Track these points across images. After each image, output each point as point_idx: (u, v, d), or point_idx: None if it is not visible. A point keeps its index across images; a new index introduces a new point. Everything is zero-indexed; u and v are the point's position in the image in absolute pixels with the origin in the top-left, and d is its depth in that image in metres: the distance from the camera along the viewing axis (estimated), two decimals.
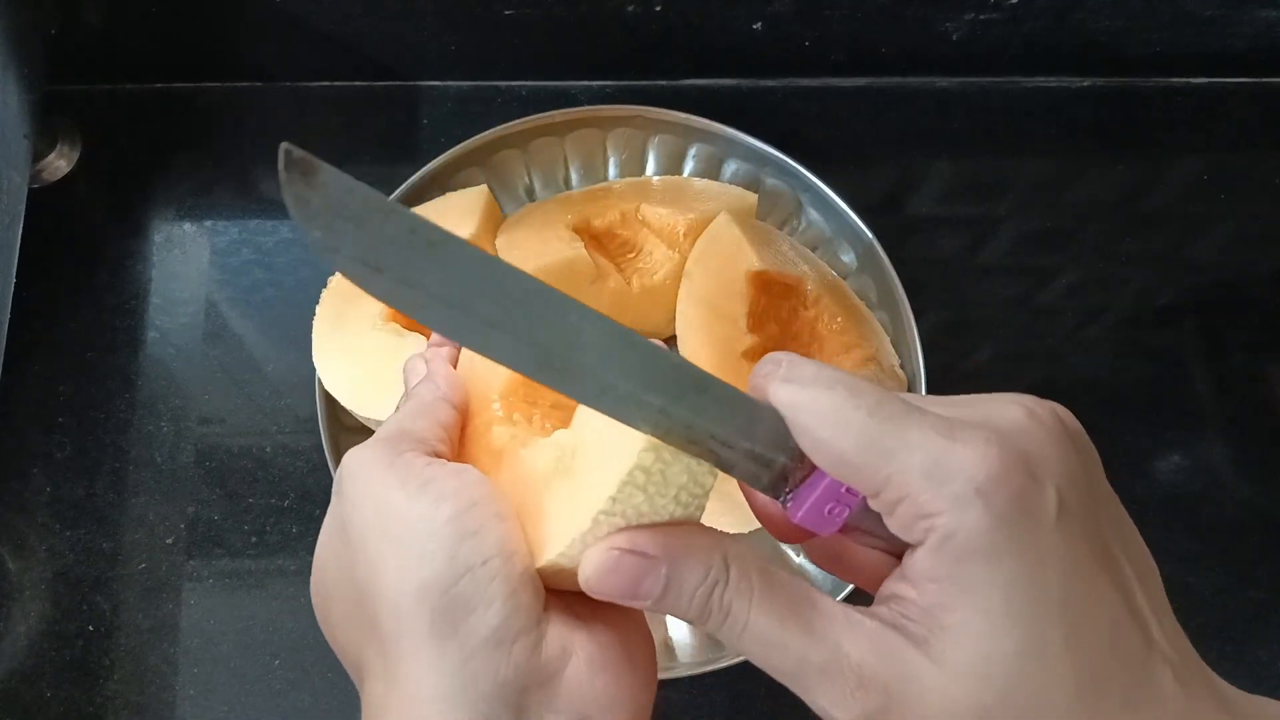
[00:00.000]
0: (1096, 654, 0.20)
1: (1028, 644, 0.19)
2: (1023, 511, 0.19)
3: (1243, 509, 0.52)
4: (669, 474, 0.21)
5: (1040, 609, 0.19)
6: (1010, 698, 0.19)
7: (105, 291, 0.52)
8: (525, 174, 0.53)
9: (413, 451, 0.24)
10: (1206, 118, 0.62)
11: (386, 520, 0.22)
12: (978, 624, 0.19)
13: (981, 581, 0.19)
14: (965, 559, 0.19)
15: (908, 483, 0.20)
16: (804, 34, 0.56)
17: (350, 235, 0.18)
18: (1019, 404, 0.22)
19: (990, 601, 0.19)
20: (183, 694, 0.44)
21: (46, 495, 0.48)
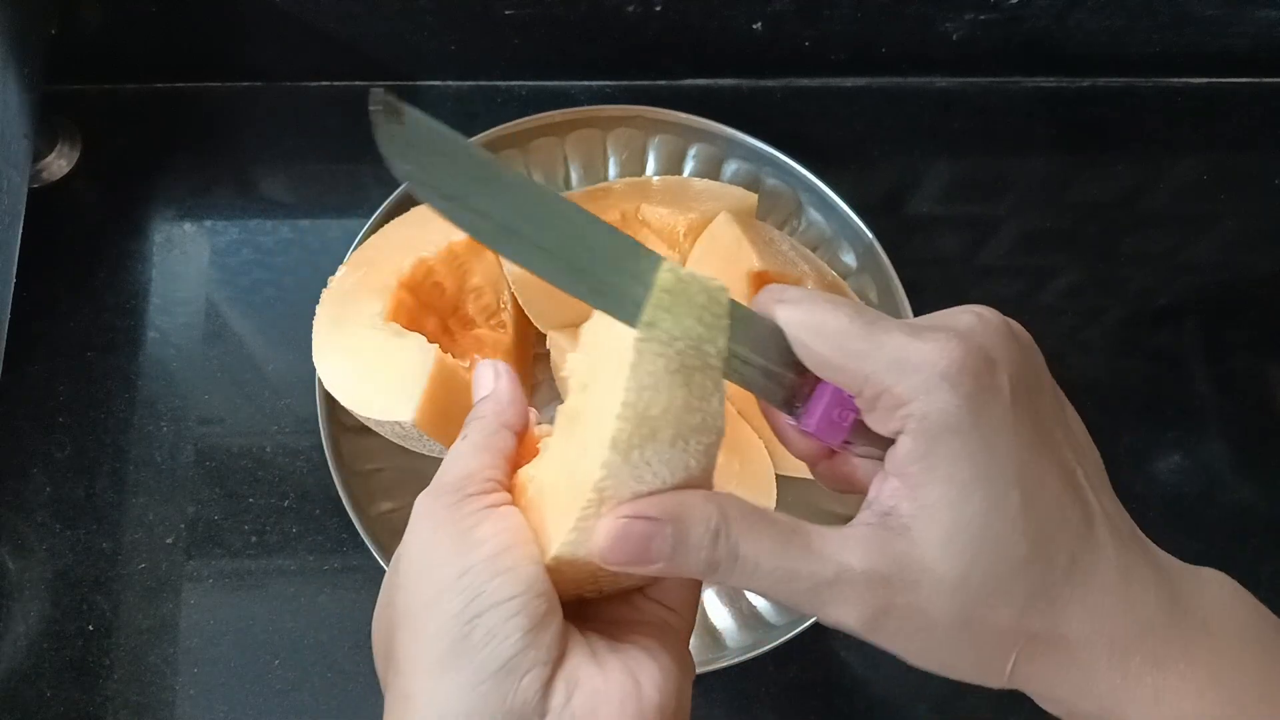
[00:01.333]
0: (1046, 516, 0.23)
1: (990, 505, 0.23)
2: (981, 392, 0.23)
3: (1243, 509, 0.52)
4: (689, 292, 0.23)
5: (1000, 474, 0.23)
6: (981, 559, 0.22)
7: (105, 291, 0.52)
8: (526, 174, 0.53)
9: (476, 496, 0.25)
10: (1207, 118, 0.62)
11: (430, 558, 0.24)
12: (950, 494, 0.23)
13: (951, 454, 0.23)
14: (937, 437, 0.23)
15: (882, 377, 0.23)
16: (804, 34, 0.56)
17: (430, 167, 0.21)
18: (970, 311, 0.25)
19: (959, 470, 0.23)
20: (183, 694, 0.44)
21: (46, 495, 0.48)
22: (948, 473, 0.23)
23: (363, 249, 0.47)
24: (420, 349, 0.42)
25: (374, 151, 0.66)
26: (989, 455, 0.23)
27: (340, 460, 0.45)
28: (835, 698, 0.47)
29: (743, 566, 0.23)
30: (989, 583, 0.23)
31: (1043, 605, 0.23)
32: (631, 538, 0.23)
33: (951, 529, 0.23)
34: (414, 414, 0.41)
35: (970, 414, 0.23)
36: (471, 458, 0.27)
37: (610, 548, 0.23)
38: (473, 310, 0.48)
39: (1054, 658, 0.23)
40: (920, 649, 0.24)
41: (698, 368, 0.23)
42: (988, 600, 0.23)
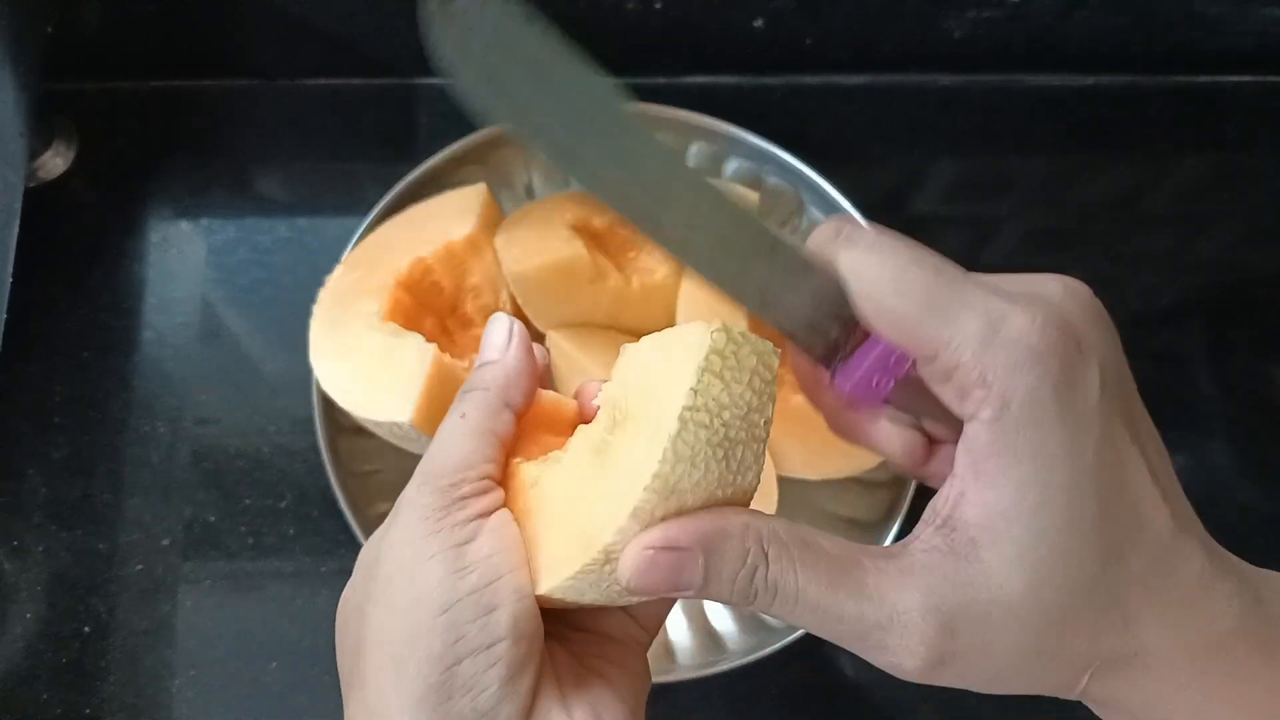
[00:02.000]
0: (1125, 523, 0.21)
1: (1068, 516, 0.20)
2: (1071, 380, 0.20)
3: (1247, 510, 0.51)
4: (741, 355, 0.21)
5: (1082, 478, 0.20)
6: (1054, 577, 0.20)
7: (101, 291, 0.52)
8: (525, 172, 0.53)
9: (468, 499, 0.23)
10: (1211, 116, 0.61)
11: (414, 578, 0.22)
12: (1027, 499, 0.20)
13: (1033, 451, 0.20)
14: (1019, 429, 0.20)
15: (966, 346, 0.20)
16: (806, 31, 0.56)
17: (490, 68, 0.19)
18: (1057, 280, 0.23)
19: (1040, 471, 0.20)
20: (180, 696, 0.44)
21: (42, 496, 0.47)
22: (1027, 474, 0.20)
23: (360, 248, 0.47)
24: (418, 349, 0.42)
25: (374, 150, 0.66)
26: (1073, 457, 0.20)
27: (338, 461, 0.45)
28: (837, 700, 0.46)
29: (783, 602, 0.21)
30: (1062, 604, 0.21)
31: (1117, 621, 0.21)
32: (660, 568, 0.21)
33: (1024, 544, 0.20)
34: (412, 414, 0.41)
35: (1058, 405, 0.20)
36: (467, 443, 0.24)
37: (636, 578, 0.21)
38: (471, 310, 0.47)
39: (1129, 675, 0.22)
40: (986, 683, 0.22)
41: (742, 440, 0.21)
42: (1061, 625, 0.21)
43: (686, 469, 0.21)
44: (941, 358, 0.21)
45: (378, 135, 0.57)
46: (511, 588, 0.22)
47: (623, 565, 0.21)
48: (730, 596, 0.22)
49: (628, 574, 0.21)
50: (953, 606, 0.21)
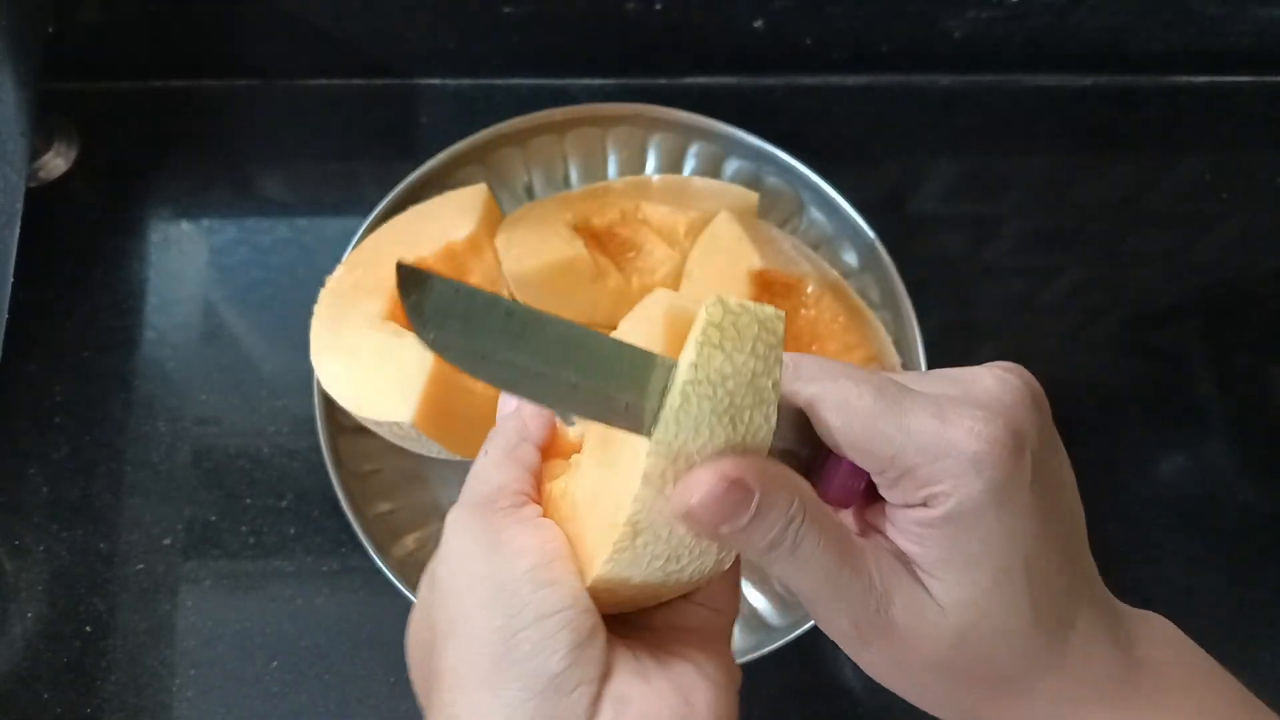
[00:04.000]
0: (1044, 592, 0.24)
1: (998, 583, 0.23)
2: (1007, 480, 0.23)
3: (1246, 510, 0.52)
4: (741, 324, 0.22)
5: (1012, 559, 0.23)
6: (984, 623, 0.23)
7: (101, 290, 0.52)
8: (525, 172, 0.53)
9: (504, 509, 0.25)
10: (1209, 116, 0.61)
11: (470, 572, 0.23)
12: (965, 576, 0.23)
13: (971, 537, 0.23)
14: (960, 520, 0.23)
15: (909, 460, 0.23)
16: (805, 31, 0.56)
17: (457, 331, 0.21)
18: (993, 374, 0.25)
19: (975, 551, 0.23)
20: (180, 696, 0.44)
21: (43, 496, 0.47)
22: (966, 553, 0.23)
23: (361, 248, 0.47)
24: (419, 349, 0.42)
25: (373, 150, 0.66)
26: (1007, 543, 0.23)
27: (338, 461, 0.45)
28: (837, 700, 0.46)
29: (798, 558, 0.23)
30: (981, 648, 0.24)
31: (1019, 666, 0.24)
32: (726, 501, 0.22)
33: (961, 597, 0.23)
34: (413, 414, 0.41)
35: (995, 503, 0.23)
36: (496, 472, 0.26)
37: (702, 504, 0.21)
38: None
39: (1013, 705, 0.25)
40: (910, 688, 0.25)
41: (749, 405, 0.22)
42: (975, 660, 0.24)
43: (690, 434, 0.22)
44: (888, 472, 0.23)
45: (378, 135, 0.57)
46: (567, 568, 0.23)
47: (688, 489, 0.22)
48: (762, 540, 0.23)
49: (694, 498, 0.22)
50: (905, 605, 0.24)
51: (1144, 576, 0.49)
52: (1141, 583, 0.48)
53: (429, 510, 0.47)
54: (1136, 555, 0.50)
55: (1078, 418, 0.53)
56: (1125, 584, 0.28)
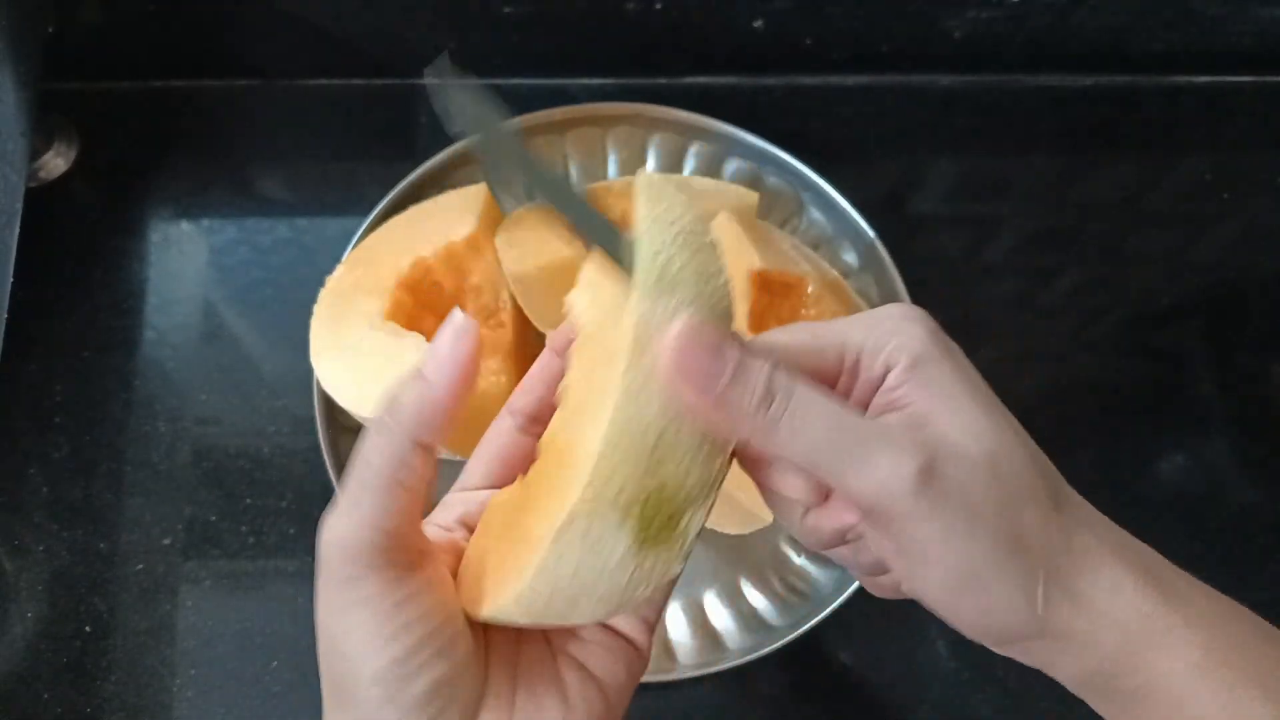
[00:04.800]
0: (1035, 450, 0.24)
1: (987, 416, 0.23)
2: (941, 334, 0.25)
3: (1246, 510, 0.51)
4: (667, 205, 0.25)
5: (983, 395, 0.24)
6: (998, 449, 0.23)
7: (101, 290, 0.52)
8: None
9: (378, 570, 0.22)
10: (1210, 116, 0.61)
11: (342, 640, 0.22)
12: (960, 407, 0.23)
13: (942, 375, 0.24)
14: (924, 365, 0.24)
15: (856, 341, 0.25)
16: (805, 31, 0.56)
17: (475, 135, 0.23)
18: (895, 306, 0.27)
19: (947, 385, 0.24)
20: (180, 695, 0.44)
21: (43, 496, 0.47)
22: (940, 388, 0.24)
23: (360, 248, 0.47)
24: (418, 349, 0.42)
25: (373, 149, 0.66)
26: (968, 379, 0.24)
27: (338, 461, 0.45)
28: (837, 701, 0.46)
29: (797, 403, 0.22)
30: (1013, 475, 0.23)
31: (1054, 517, 0.23)
32: (703, 339, 0.22)
33: (963, 427, 0.23)
34: None
35: (940, 344, 0.24)
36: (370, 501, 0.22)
37: (679, 344, 0.21)
38: (471, 310, 0.47)
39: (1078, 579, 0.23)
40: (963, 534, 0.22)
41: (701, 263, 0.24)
42: (1014, 493, 0.23)
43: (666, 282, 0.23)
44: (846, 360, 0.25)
45: (378, 135, 0.57)
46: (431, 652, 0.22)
47: (666, 339, 0.22)
48: (753, 396, 0.22)
49: (672, 343, 0.22)
50: (931, 439, 0.23)
51: None
52: None
53: (428, 510, 0.46)
54: None
55: (1078, 418, 0.53)
56: None
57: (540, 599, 0.22)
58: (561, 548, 0.21)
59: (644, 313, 0.22)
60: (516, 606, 0.22)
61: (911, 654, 0.46)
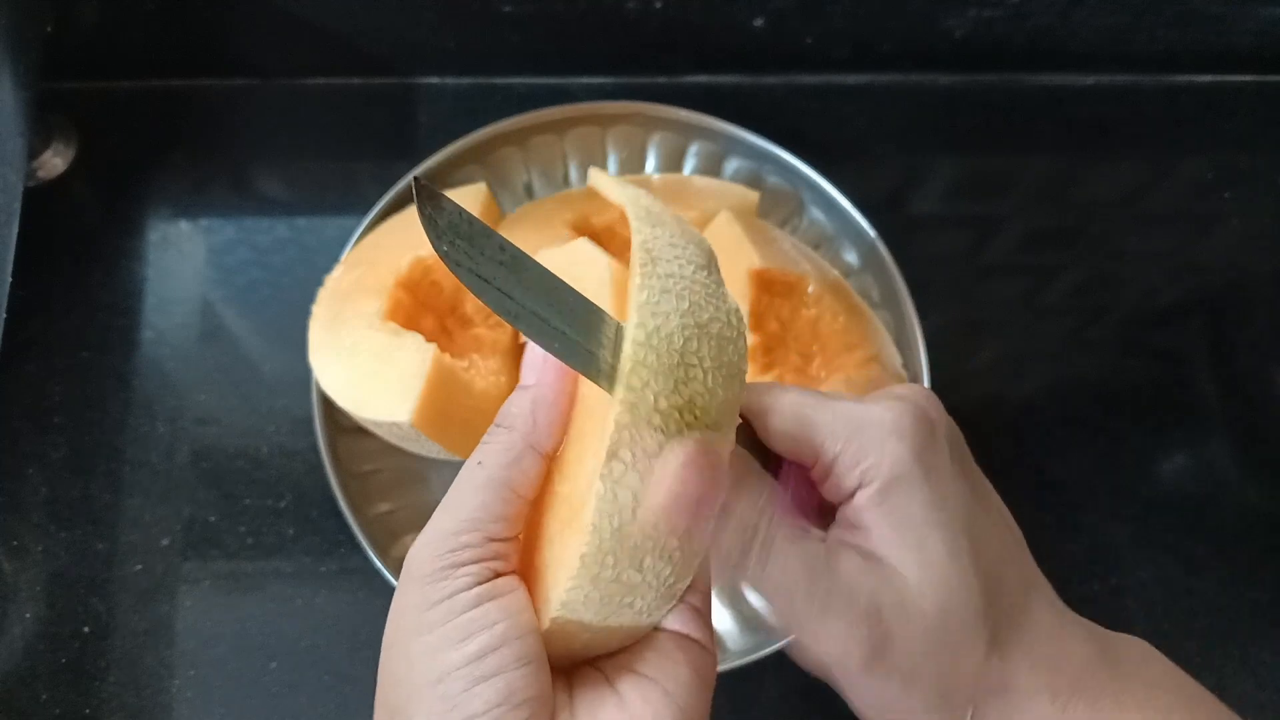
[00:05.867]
0: (992, 568, 0.25)
1: (947, 550, 0.24)
2: (927, 447, 0.25)
3: (1247, 510, 0.51)
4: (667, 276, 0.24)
5: (950, 521, 0.24)
6: (950, 599, 0.24)
7: (100, 290, 0.52)
8: (524, 172, 0.53)
9: (471, 565, 0.23)
10: (1211, 116, 0.61)
11: (410, 653, 0.22)
12: (909, 538, 0.24)
13: (907, 500, 0.24)
14: (891, 486, 0.24)
15: (837, 440, 0.25)
16: (806, 30, 0.56)
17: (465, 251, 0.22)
18: (903, 385, 0.28)
19: (915, 514, 0.24)
20: (179, 696, 0.44)
21: (42, 496, 0.47)
22: (905, 518, 0.24)
23: (359, 248, 0.47)
24: (418, 349, 0.42)
25: (373, 149, 0.66)
26: (939, 504, 0.24)
27: (337, 461, 0.45)
28: (836, 700, 0.46)
29: (773, 557, 0.23)
30: (961, 625, 0.24)
31: (996, 657, 0.24)
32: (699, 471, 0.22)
33: (921, 566, 0.24)
34: (412, 414, 0.41)
35: (920, 466, 0.24)
36: (474, 500, 0.23)
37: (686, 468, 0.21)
38: (471, 309, 0.47)
39: (1003, 709, 0.25)
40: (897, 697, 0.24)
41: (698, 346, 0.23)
42: (960, 644, 0.24)
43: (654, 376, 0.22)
44: (822, 458, 0.25)
45: (377, 134, 0.57)
46: (514, 654, 0.22)
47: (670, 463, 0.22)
48: (737, 534, 0.23)
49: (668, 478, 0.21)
50: (888, 605, 0.24)
51: (1144, 576, 0.49)
52: (1142, 583, 0.48)
53: (428, 511, 0.45)
54: (1136, 555, 0.50)
55: (1078, 418, 0.53)
56: (1126, 584, 0.28)
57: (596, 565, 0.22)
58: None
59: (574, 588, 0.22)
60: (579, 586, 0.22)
61: None
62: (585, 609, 0.22)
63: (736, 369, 0.23)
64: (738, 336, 0.24)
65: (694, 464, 0.22)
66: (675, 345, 0.22)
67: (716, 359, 0.23)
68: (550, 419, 0.24)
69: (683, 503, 0.22)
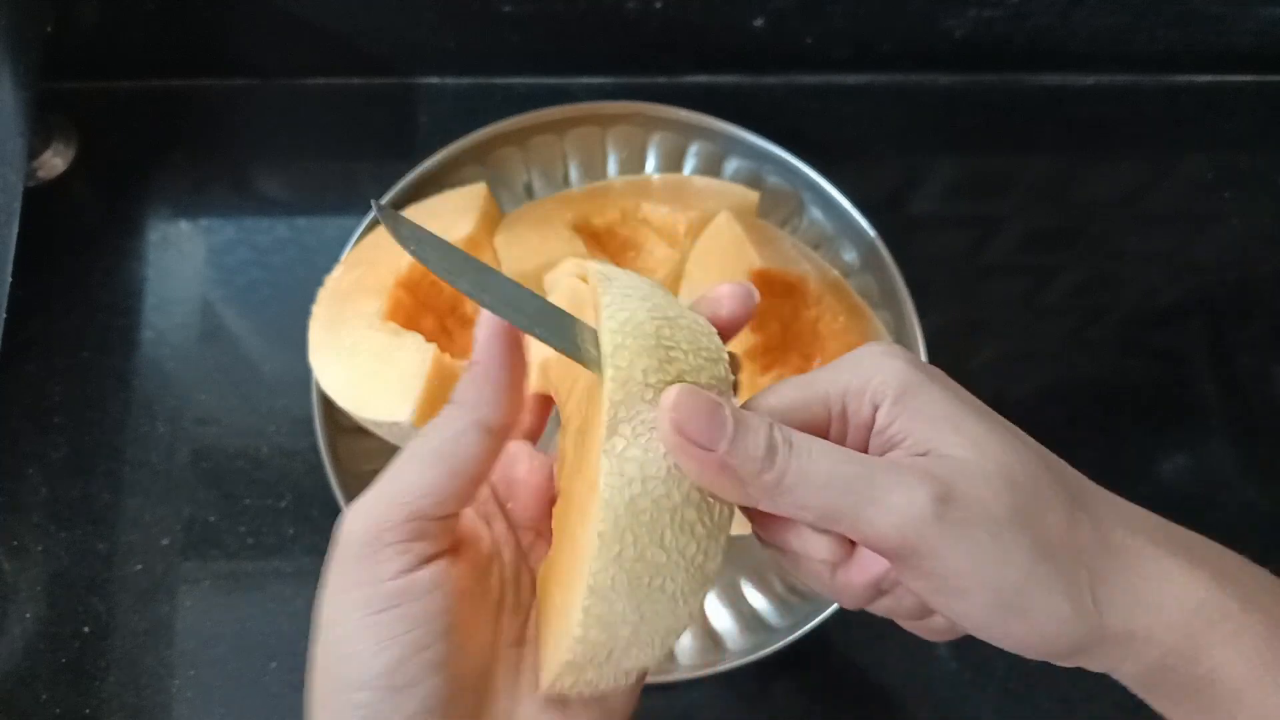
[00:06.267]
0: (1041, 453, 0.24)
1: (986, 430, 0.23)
2: (919, 364, 0.24)
3: (1247, 510, 0.51)
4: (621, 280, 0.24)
5: (978, 408, 0.24)
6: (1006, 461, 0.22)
7: (100, 290, 0.52)
8: (524, 171, 0.53)
9: (396, 545, 0.22)
10: (1211, 115, 0.61)
11: (337, 642, 0.22)
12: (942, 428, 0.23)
13: (930, 401, 0.23)
14: (909, 395, 0.23)
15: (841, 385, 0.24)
16: (806, 30, 0.56)
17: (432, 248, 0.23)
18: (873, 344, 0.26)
19: (938, 409, 0.23)
20: (179, 696, 0.44)
21: (42, 496, 0.47)
22: (932, 413, 0.23)
23: (359, 248, 0.47)
24: (418, 348, 0.42)
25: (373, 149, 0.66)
26: (960, 396, 0.24)
27: (337, 461, 0.45)
28: (837, 702, 0.46)
29: (800, 449, 0.22)
30: (1027, 483, 0.22)
31: (1084, 518, 0.23)
32: (699, 402, 0.21)
33: (967, 444, 0.22)
34: (412, 414, 0.41)
35: (922, 372, 0.24)
36: (412, 472, 0.23)
37: (681, 409, 0.21)
38: (471, 309, 0.47)
39: (1125, 571, 0.22)
40: (993, 554, 0.21)
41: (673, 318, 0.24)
42: (1034, 499, 0.22)
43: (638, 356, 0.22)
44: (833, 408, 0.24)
45: (377, 134, 0.57)
46: (428, 663, 0.22)
47: (665, 402, 0.22)
48: (757, 451, 0.22)
49: (670, 408, 0.21)
50: (939, 465, 0.22)
51: None
52: None
53: None
54: None
55: (1078, 418, 0.53)
56: None
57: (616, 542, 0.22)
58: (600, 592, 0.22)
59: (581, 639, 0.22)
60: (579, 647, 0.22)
61: (912, 655, 0.46)
62: (615, 594, 0.22)
63: (717, 355, 0.24)
64: (711, 333, 0.24)
65: (684, 401, 0.21)
66: (648, 330, 0.23)
67: (693, 344, 0.23)
68: (495, 392, 0.24)
69: (684, 443, 0.21)
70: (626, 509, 0.21)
